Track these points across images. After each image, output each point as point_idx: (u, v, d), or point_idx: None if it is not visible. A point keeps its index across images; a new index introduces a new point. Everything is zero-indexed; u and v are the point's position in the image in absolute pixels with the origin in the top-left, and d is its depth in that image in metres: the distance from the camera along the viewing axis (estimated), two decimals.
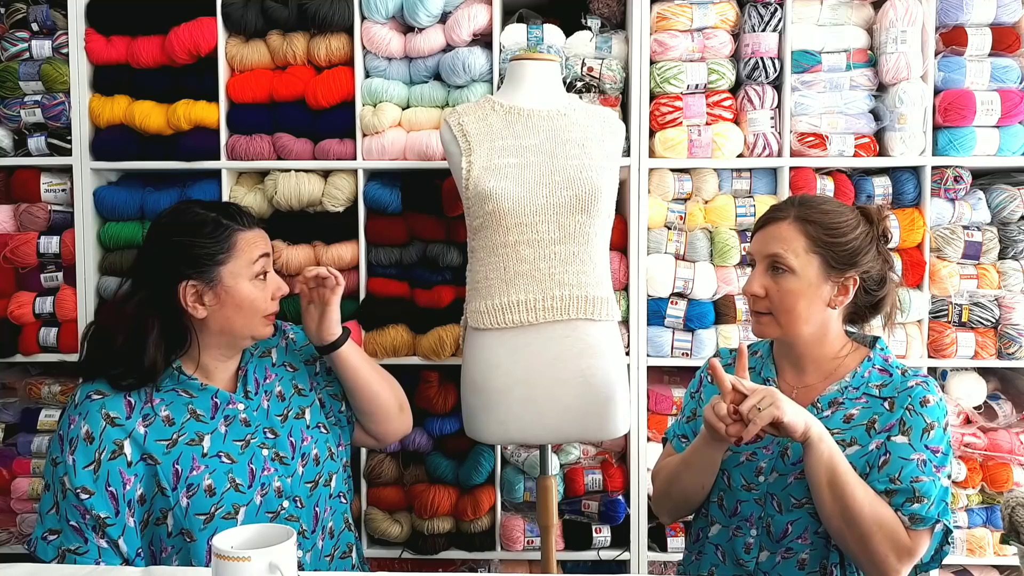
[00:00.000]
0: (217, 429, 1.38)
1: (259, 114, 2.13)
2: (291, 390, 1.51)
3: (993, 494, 2.12)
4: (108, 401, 1.33)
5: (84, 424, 1.31)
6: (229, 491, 1.35)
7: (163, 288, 1.35)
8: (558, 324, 1.69)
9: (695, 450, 1.36)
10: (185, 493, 1.32)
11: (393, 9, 2.08)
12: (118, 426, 1.32)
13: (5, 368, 2.29)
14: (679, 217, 2.14)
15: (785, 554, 1.30)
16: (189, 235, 1.36)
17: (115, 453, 1.31)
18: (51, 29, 2.16)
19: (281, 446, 1.43)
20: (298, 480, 1.43)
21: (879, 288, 1.36)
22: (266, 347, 1.53)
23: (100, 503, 1.29)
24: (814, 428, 1.20)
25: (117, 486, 1.30)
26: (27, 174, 2.18)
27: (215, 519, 1.33)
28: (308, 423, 1.49)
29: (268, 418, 1.45)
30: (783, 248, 1.32)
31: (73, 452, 1.30)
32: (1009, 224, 2.15)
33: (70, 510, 1.29)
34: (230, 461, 1.37)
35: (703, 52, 2.11)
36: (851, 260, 1.31)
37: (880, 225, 1.35)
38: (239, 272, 1.38)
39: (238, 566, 0.96)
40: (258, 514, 1.37)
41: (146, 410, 1.35)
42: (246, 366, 1.47)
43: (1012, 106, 2.08)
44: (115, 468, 1.30)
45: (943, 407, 1.28)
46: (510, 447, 2.15)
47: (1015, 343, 2.10)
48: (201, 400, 1.39)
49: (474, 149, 1.72)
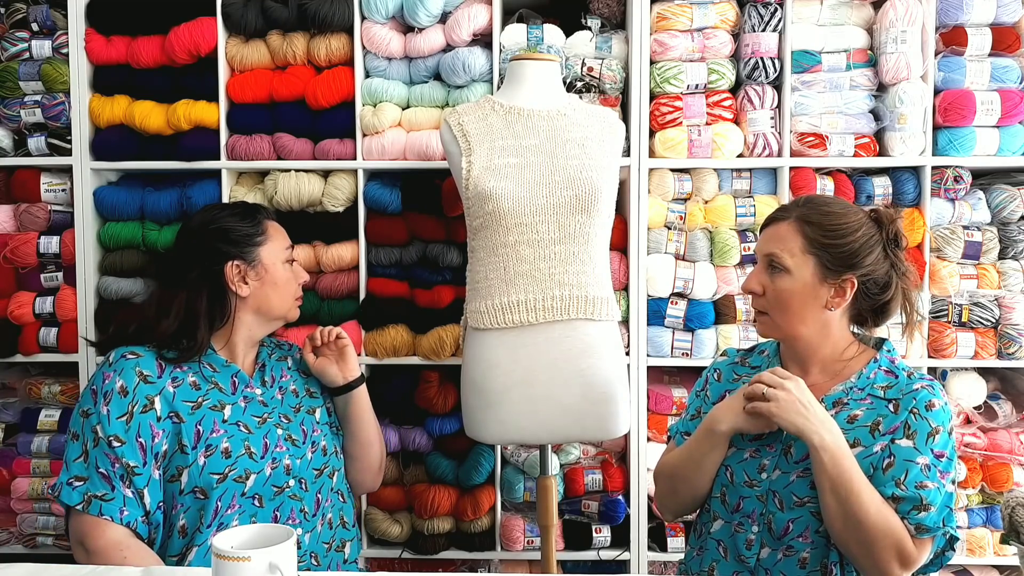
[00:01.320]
0: (237, 403, 1.49)
1: (259, 114, 2.13)
2: (304, 391, 1.61)
3: (993, 494, 2.12)
4: (142, 361, 1.43)
5: (119, 379, 1.39)
6: (243, 456, 1.43)
7: (210, 269, 1.49)
8: (558, 324, 1.69)
9: (701, 444, 1.37)
10: (204, 452, 1.40)
11: (393, 9, 2.08)
12: (150, 383, 1.41)
13: (5, 368, 2.29)
14: (679, 217, 2.14)
15: (786, 552, 1.30)
16: (229, 221, 1.53)
17: (146, 407, 1.39)
18: (51, 29, 2.16)
19: (294, 430, 1.52)
20: (306, 463, 1.51)
21: (882, 292, 1.34)
22: (283, 354, 1.66)
23: (130, 452, 1.36)
24: (814, 438, 1.21)
25: (147, 438, 1.38)
26: (27, 174, 2.18)
27: (227, 480, 1.41)
28: (318, 419, 1.59)
29: (283, 406, 1.55)
30: (780, 247, 1.33)
31: (108, 404, 1.37)
32: (1009, 224, 2.15)
33: (100, 457, 1.35)
34: (247, 431, 1.46)
35: (703, 52, 2.11)
36: (849, 262, 1.31)
37: (891, 228, 1.33)
38: (275, 254, 1.55)
39: (238, 566, 0.96)
40: (266, 484, 1.44)
41: (175, 373, 1.45)
42: (263, 361, 1.59)
43: (1012, 106, 2.08)
44: (146, 421, 1.38)
45: (948, 412, 1.28)
46: (510, 447, 2.15)
47: (1015, 343, 2.10)
48: (223, 376, 1.49)
49: (474, 149, 1.72)
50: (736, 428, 1.32)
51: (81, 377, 2.16)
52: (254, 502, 1.43)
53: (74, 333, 2.15)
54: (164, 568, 1.31)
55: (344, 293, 2.14)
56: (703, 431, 1.37)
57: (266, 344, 1.63)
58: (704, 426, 1.37)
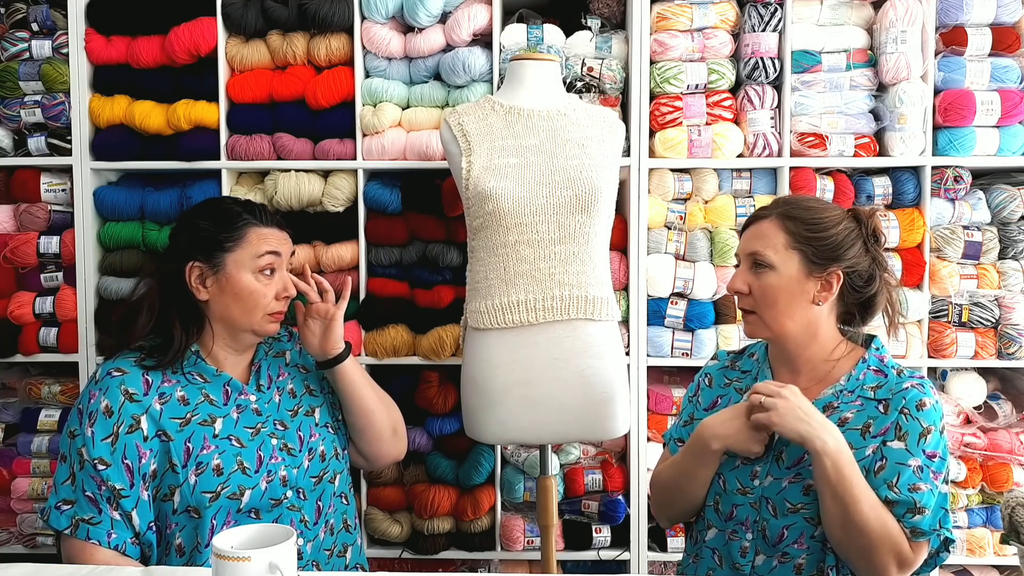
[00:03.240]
0: (229, 415, 1.43)
1: (259, 114, 2.13)
2: (302, 389, 1.55)
3: (993, 494, 2.12)
4: (127, 378, 1.38)
5: (104, 399, 1.35)
6: (236, 472, 1.38)
7: (175, 266, 1.43)
8: (558, 324, 1.69)
9: (693, 456, 1.36)
10: (194, 471, 1.36)
11: (393, 9, 2.08)
12: (136, 402, 1.36)
13: (5, 368, 2.29)
14: (679, 217, 2.14)
15: (781, 558, 1.30)
16: (204, 220, 1.45)
17: (132, 427, 1.35)
18: (51, 29, 2.16)
19: (290, 438, 1.47)
20: (303, 472, 1.46)
21: (867, 285, 1.34)
22: (280, 348, 1.59)
23: (116, 475, 1.32)
24: (816, 443, 1.20)
25: (133, 459, 1.34)
26: (27, 174, 2.18)
27: (220, 498, 1.36)
28: (317, 421, 1.54)
29: (279, 411, 1.49)
30: (763, 245, 1.33)
31: (92, 425, 1.34)
32: (1009, 224, 2.15)
33: (87, 480, 1.32)
34: (239, 445, 1.41)
35: (703, 52, 2.11)
36: (833, 255, 1.31)
37: (869, 224, 1.34)
38: (243, 263, 1.43)
39: (238, 566, 0.97)
40: (262, 499, 1.40)
41: (163, 389, 1.39)
42: (259, 362, 1.52)
43: (1012, 106, 2.08)
44: (132, 442, 1.34)
45: (939, 410, 1.27)
46: (510, 447, 2.15)
47: (1015, 343, 2.10)
48: (214, 386, 1.44)
49: (474, 149, 1.72)
50: (727, 447, 1.32)
51: (81, 377, 2.16)
52: (250, 516, 1.40)
53: (74, 333, 2.15)
54: (164, 568, 1.31)
55: None
56: (695, 445, 1.35)
57: (264, 341, 1.55)
58: (696, 440, 1.35)
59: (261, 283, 1.44)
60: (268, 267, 1.45)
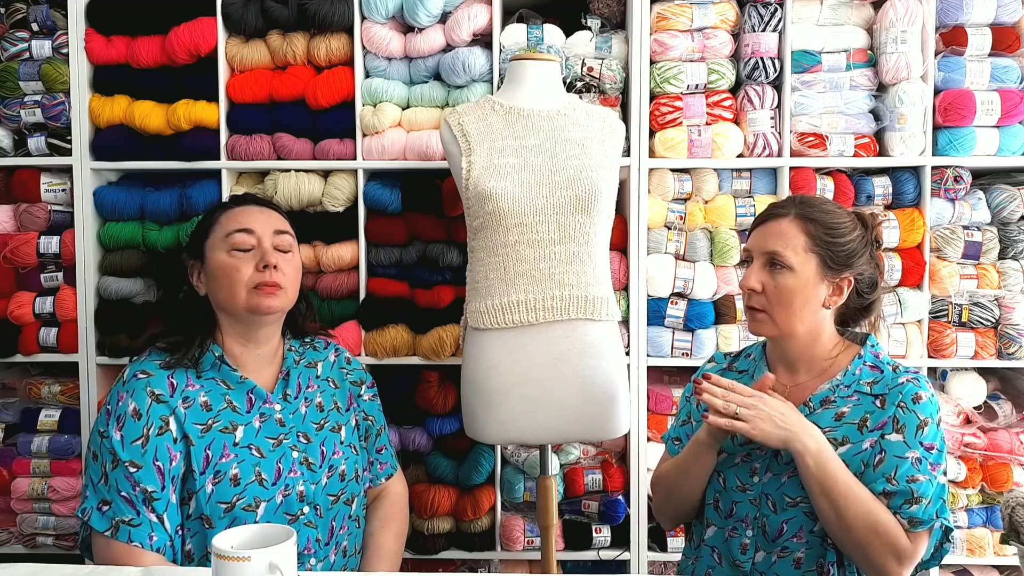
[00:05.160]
0: (251, 423, 1.41)
1: (259, 114, 2.13)
2: (331, 404, 1.53)
3: (993, 494, 2.12)
4: (153, 380, 1.38)
5: (131, 402, 1.35)
6: (253, 483, 1.37)
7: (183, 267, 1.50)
8: (558, 324, 1.69)
9: (690, 455, 1.38)
10: (212, 479, 1.35)
11: (393, 9, 2.08)
12: (163, 403, 1.36)
13: (5, 368, 2.29)
14: (679, 217, 2.14)
15: (781, 553, 1.30)
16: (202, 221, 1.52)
17: (162, 429, 1.35)
18: (51, 29, 2.16)
19: (312, 452, 1.45)
20: (321, 489, 1.44)
21: (871, 291, 1.37)
22: (313, 358, 1.57)
23: (148, 477, 1.32)
24: (796, 445, 1.22)
25: (164, 461, 1.33)
26: (27, 174, 2.18)
27: (235, 509, 1.35)
28: (342, 439, 1.52)
29: (304, 423, 1.47)
30: (783, 245, 1.32)
31: (121, 428, 1.33)
32: (1009, 224, 2.15)
33: (121, 480, 1.31)
34: (259, 455, 1.40)
35: (703, 52, 2.11)
36: (847, 261, 1.32)
37: (873, 230, 1.37)
38: (216, 245, 1.46)
39: (238, 566, 0.96)
40: (277, 512, 1.38)
41: (187, 392, 1.39)
42: (288, 370, 1.50)
43: (1012, 106, 2.08)
44: (162, 444, 1.34)
45: (935, 403, 1.29)
46: (510, 447, 2.15)
47: (1015, 343, 2.10)
48: (238, 393, 1.43)
49: (474, 149, 1.72)
50: (711, 432, 1.32)
51: (81, 377, 2.16)
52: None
53: (74, 333, 2.15)
54: (164, 568, 1.30)
55: (344, 293, 2.14)
56: (693, 443, 1.38)
57: (295, 349, 1.55)
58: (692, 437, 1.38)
59: (235, 258, 1.43)
60: (241, 244, 1.43)
